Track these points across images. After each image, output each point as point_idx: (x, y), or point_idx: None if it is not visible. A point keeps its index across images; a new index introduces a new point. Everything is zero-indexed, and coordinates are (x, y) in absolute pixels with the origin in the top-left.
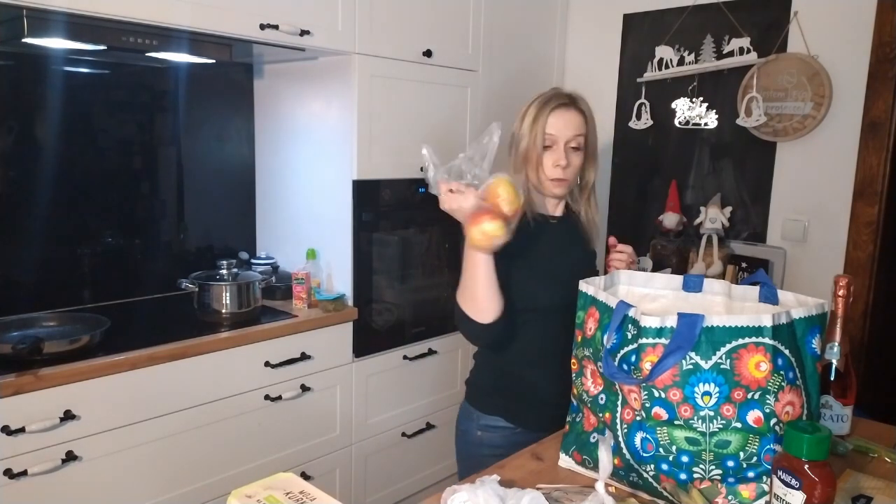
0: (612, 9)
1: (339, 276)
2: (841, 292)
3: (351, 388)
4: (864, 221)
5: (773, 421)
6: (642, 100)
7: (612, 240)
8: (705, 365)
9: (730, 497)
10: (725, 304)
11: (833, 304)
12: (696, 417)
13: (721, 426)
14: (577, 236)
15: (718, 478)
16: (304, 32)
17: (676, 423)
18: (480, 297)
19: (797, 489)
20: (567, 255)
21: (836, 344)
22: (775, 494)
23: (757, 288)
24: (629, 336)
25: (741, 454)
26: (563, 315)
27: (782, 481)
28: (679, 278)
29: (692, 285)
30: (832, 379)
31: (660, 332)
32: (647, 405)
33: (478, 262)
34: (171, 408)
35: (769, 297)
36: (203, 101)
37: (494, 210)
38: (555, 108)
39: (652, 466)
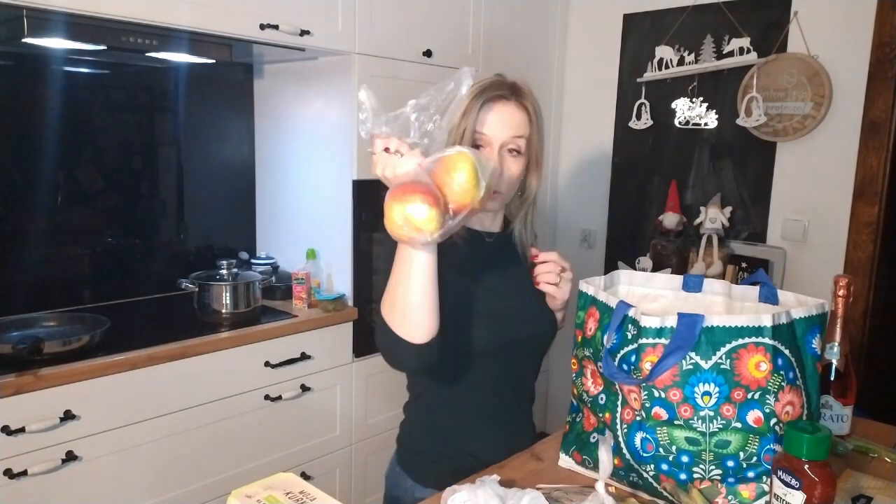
0: (612, 9)
1: (339, 276)
2: (841, 292)
3: (351, 388)
4: (864, 221)
5: (773, 421)
6: (642, 100)
7: (534, 251)
8: (705, 365)
9: (730, 497)
10: (725, 304)
11: (833, 304)
12: (696, 417)
13: (721, 426)
14: (517, 255)
15: (718, 478)
16: (304, 32)
17: (676, 423)
18: (413, 306)
19: (797, 489)
20: (508, 280)
21: (836, 344)
22: (775, 494)
23: (757, 288)
24: (629, 336)
25: (741, 454)
26: (505, 356)
27: (782, 481)
28: (679, 278)
29: (692, 285)
30: (832, 379)
31: (660, 332)
32: (647, 405)
33: (414, 258)
34: (170, 408)
35: (769, 297)
36: (203, 101)
37: (435, 192)
38: (489, 99)
39: (652, 466)
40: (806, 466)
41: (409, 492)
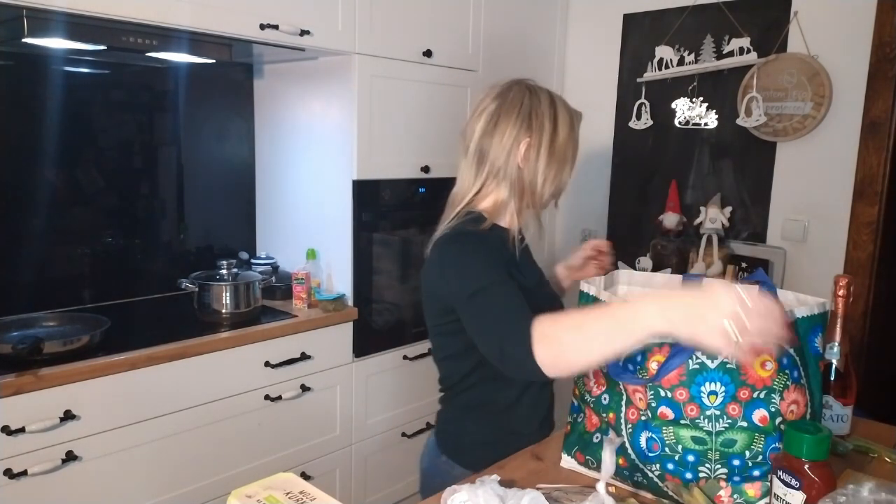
0: (612, 9)
1: (339, 276)
2: (841, 292)
3: (351, 388)
4: (864, 221)
5: (779, 420)
6: (642, 100)
7: (601, 244)
8: (711, 364)
9: (735, 496)
10: None
11: (833, 304)
12: (702, 417)
13: (727, 425)
14: (528, 248)
15: (724, 476)
16: (304, 32)
17: (682, 422)
18: (594, 361)
19: (797, 489)
20: (535, 272)
21: (837, 344)
22: (775, 494)
23: (756, 287)
24: None
25: (747, 453)
26: None
27: (782, 481)
28: (678, 278)
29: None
30: (832, 379)
31: None
32: (653, 405)
33: (645, 333)
34: (170, 408)
35: None
36: (203, 101)
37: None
38: (580, 119)
39: (657, 466)
40: (806, 466)
41: (457, 479)
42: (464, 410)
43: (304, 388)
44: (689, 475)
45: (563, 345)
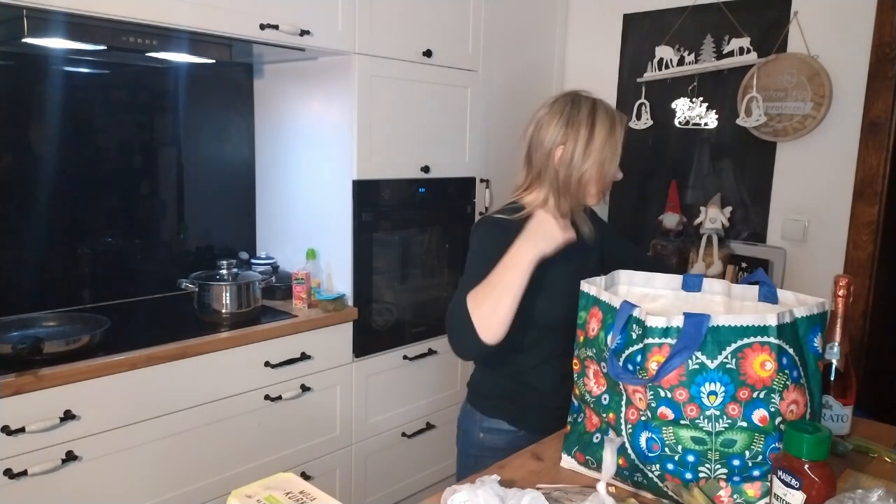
0: (612, 9)
1: (339, 276)
2: (841, 292)
3: (351, 388)
4: (864, 221)
5: (779, 420)
6: (642, 100)
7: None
8: (711, 364)
9: (735, 496)
10: (725, 303)
11: (833, 304)
12: (702, 417)
13: (727, 425)
14: (576, 246)
15: (724, 476)
16: (303, 32)
17: (682, 422)
18: (504, 312)
19: (797, 489)
20: (580, 265)
21: (837, 344)
22: (775, 494)
23: (756, 287)
24: (634, 336)
25: (747, 453)
26: (568, 327)
27: (782, 481)
28: (678, 278)
29: (692, 285)
30: (832, 379)
31: (666, 331)
32: (653, 405)
33: (524, 271)
34: (171, 408)
35: (768, 296)
36: (203, 101)
37: None
38: (622, 127)
39: (657, 466)
40: (806, 466)
41: (478, 423)
42: (488, 367)
43: (304, 388)
44: (689, 475)
45: (482, 308)
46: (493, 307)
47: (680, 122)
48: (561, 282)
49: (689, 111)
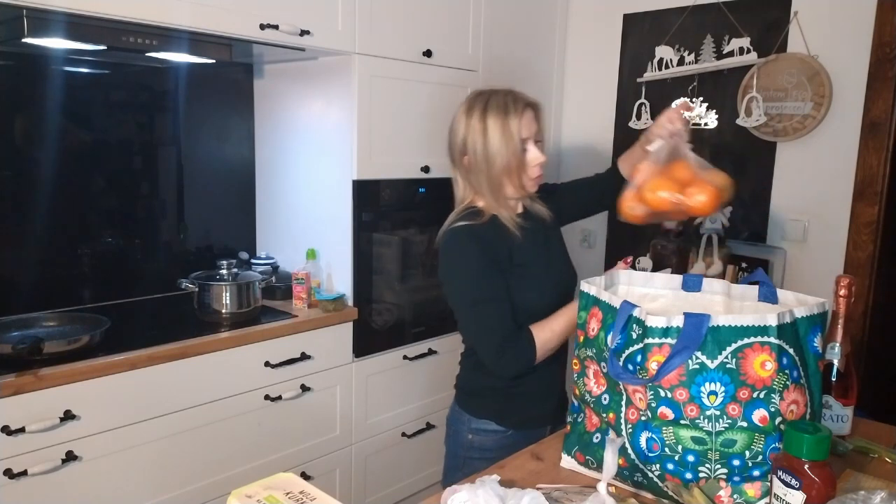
0: (612, 9)
1: (339, 276)
2: (842, 292)
3: (351, 388)
4: (864, 221)
5: (779, 420)
6: (642, 100)
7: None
8: (711, 364)
9: (735, 496)
10: (725, 303)
11: (834, 305)
12: (702, 417)
13: (727, 425)
14: (541, 227)
15: (724, 476)
16: (304, 32)
17: (682, 422)
18: (558, 344)
19: (797, 489)
20: (547, 250)
21: (837, 344)
22: (775, 494)
23: (756, 287)
24: (634, 336)
25: (747, 453)
26: (549, 312)
27: (782, 481)
28: (678, 278)
29: (691, 285)
30: (833, 379)
31: (666, 331)
32: (653, 405)
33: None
34: (171, 408)
35: (768, 296)
36: (203, 101)
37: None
38: (523, 110)
39: (657, 466)
40: (806, 466)
41: (466, 424)
42: (474, 367)
43: (304, 388)
44: (689, 475)
45: (551, 348)
46: (552, 347)
47: None
48: (541, 269)
49: (689, 111)
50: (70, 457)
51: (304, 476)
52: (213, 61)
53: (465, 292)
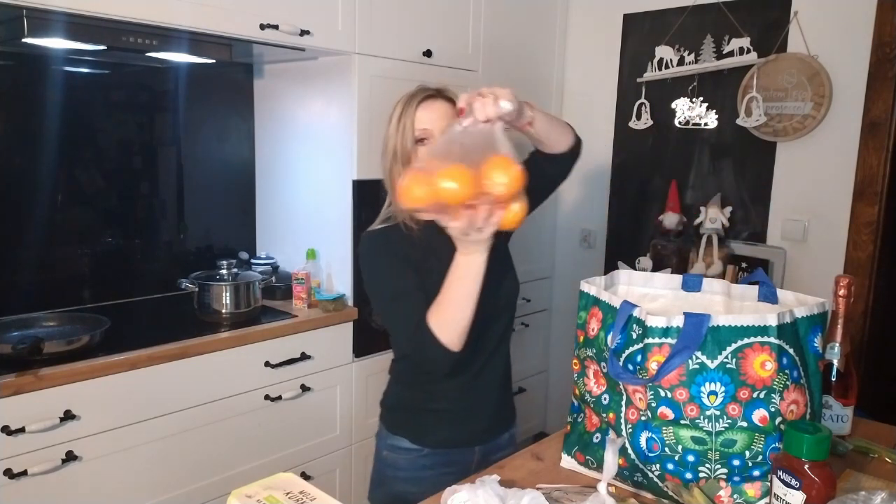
0: (612, 9)
1: (339, 276)
2: (842, 292)
3: (351, 388)
4: (864, 221)
5: (779, 420)
6: (642, 100)
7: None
8: (711, 364)
9: (735, 496)
10: (725, 303)
11: (834, 305)
12: (702, 417)
13: (727, 425)
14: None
15: (724, 476)
16: (304, 32)
17: (682, 422)
18: (467, 315)
19: (797, 489)
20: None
21: (837, 344)
22: (775, 494)
23: (756, 287)
24: (634, 336)
25: (747, 453)
26: (478, 325)
27: (782, 481)
28: (678, 278)
29: (691, 285)
30: (833, 379)
31: (666, 331)
32: (653, 405)
33: (478, 275)
34: (171, 408)
35: (768, 296)
36: (203, 101)
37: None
38: (422, 100)
39: (657, 466)
40: (806, 466)
41: (383, 440)
42: (395, 379)
43: (304, 388)
44: (689, 475)
45: (455, 322)
46: (457, 320)
47: (680, 122)
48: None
49: (689, 111)
50: (70, 457)
51: (304, 476)
52: (213, 61)
53: (384, 292)
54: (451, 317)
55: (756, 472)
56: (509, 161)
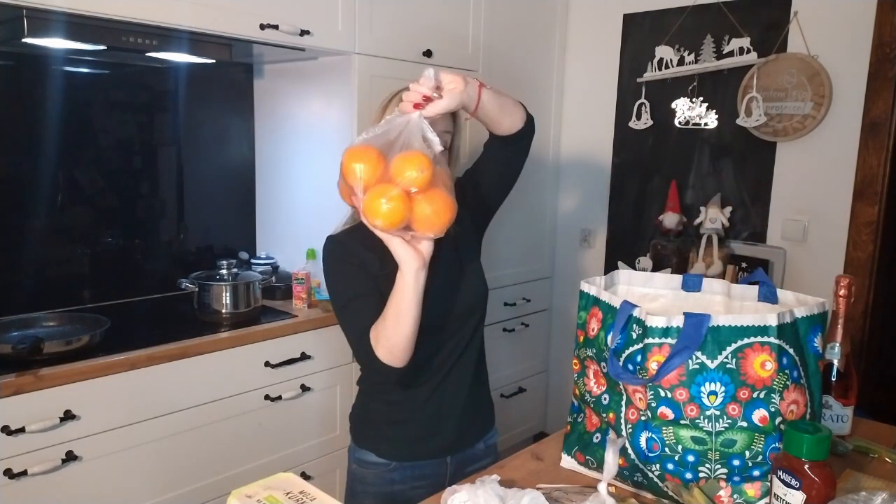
0: (612, 9)
1: None
2: (842, 292)
3: (351, 388)
4: (864, 221)
5: (779, 420)
6: (642, 100)
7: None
8: (711, 364)
9: (735, 496)
10: (724, 303)
11: (834, 305)
12: (702, 417)
13: (727, 425)
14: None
15: (724, 476)
16: (303, 32)
17: (682, 422)
18: (409, 335)
19: (797, 489)
20: (437, 263)
21: (837, 344)
22: (775, 494)
23: (756, 287)
24: (634, 336)
25: (747, 453)
26: (436, 332)
27: (782, 481)
28: (678, 278)
29: (691, 285)
30: (833, 379)
31: (666, 331)
32: (653, 405)
33: (414, 292)
34: (171, 408)
35: (768, 296)
36: (203, 101)
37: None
38: (392, 97)
39: (657, 466)
40: (806, 466)
41: (351, 453)
42: (362, 390)
43: (304, 388)
44: (689, 475)
45: (387, 339)
46: (391, 336)
47: (680, 122)
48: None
49: (689, 111)
50: (70, 457)
51: (304, 476)
52: (213, 61)
53: (336, 298)
54: (386, 333)
55: (756, 472)
56: (416, 155)
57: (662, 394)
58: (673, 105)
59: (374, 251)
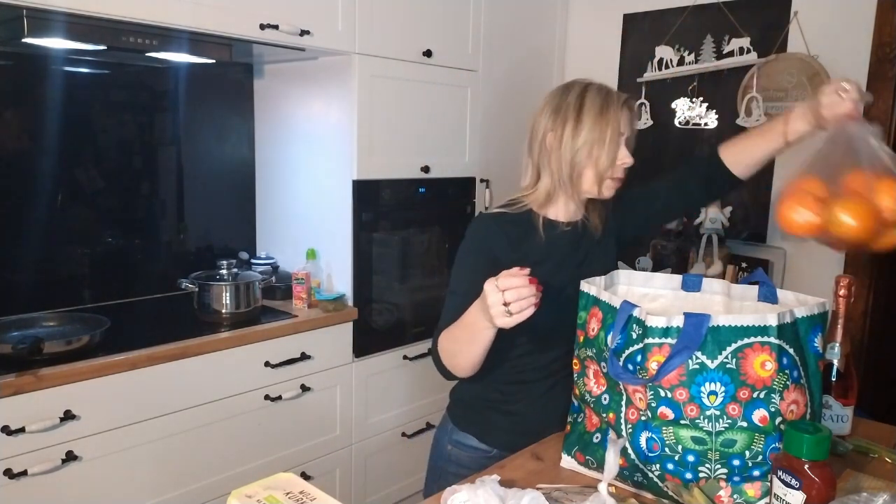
0: (612, 9)
1: (339, 276)
2: (842, 292)
3: (351, 388)
4: None
5: (779, 420)
6: (642, 100)
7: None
8: (711, 364)
9: (735, 496)
10: (724, 303)
11: (834, 305)
12: (702, 417)
13: (727, 425)
14: (582, 243)
15: (724, 476)
16: (303, 32)
17: (682, 422)
18: (470, 365)
19: (797, 489)
20: (582, 264)
21: (837, 344)
22: (775, 494)
23: (756, 287)
24: (634, 336)
25: (747, 453)
26: (562, 335)
27: (782, 481)
28: (678, 278)
29: (691, 285)
30: (833, 379)
31: (666, 331)
32: (653, 405)
33: (482, 342)
34: (170, 408)
35: (768, 296)
36: (203, 101)
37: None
38: (624, 103)
39: (658, 466)
40: (806, 466)
41: (449, 434)
42: (474, 375)
43: (304, 388)
44: (689, 475)
45: (448, 354)
46: (457, 359)
47: (680, 122)
48: (553, 289)
49: (689, 111)
50: (70, 457)
51: (304, 476)
52: (213, 61)
53: (452, 280)
54: (448, 347)
55: (756, 472)
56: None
57: (662, 394)
58: (673, 105)
59: (519, 242)
